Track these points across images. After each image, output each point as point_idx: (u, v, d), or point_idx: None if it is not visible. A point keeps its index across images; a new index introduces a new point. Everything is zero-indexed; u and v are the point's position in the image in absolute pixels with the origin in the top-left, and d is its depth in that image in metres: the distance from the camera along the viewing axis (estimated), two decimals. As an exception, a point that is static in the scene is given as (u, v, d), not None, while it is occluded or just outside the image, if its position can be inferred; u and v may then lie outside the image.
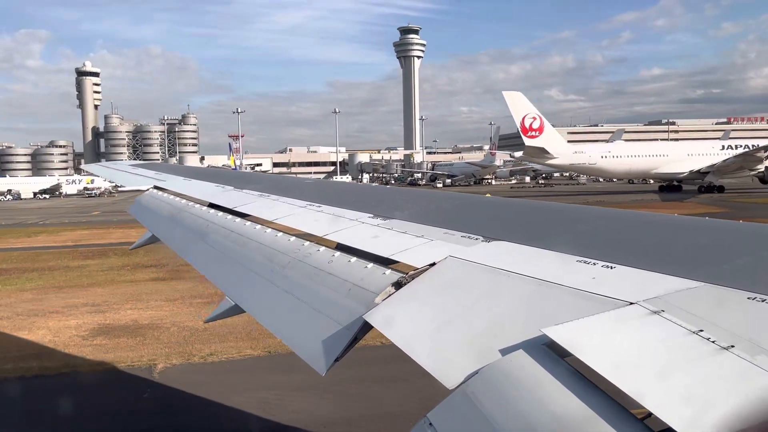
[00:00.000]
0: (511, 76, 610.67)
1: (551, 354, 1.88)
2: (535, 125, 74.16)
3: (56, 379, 14.17)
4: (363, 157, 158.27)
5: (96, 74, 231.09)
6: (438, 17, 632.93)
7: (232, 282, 4.41)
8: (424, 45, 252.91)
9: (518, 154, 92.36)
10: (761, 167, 67.22)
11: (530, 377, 1.82)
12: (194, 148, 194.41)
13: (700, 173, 69.96)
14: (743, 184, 71.61)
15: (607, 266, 2.44)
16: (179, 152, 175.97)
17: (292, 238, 4.27)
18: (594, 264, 2.49)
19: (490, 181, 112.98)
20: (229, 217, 5.56)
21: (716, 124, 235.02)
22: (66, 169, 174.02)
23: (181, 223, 6.43)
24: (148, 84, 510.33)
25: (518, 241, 3.02)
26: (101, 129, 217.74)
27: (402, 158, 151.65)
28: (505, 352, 2.00)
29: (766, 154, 65.43)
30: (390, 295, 2.83)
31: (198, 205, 6.58)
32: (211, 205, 6.23)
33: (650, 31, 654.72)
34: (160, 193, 8.21)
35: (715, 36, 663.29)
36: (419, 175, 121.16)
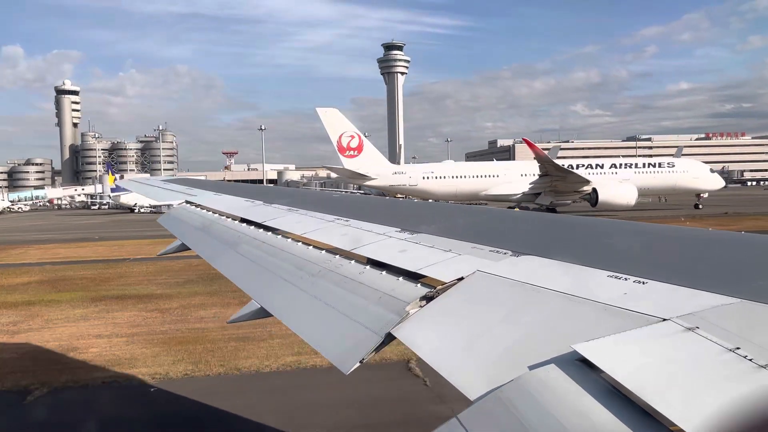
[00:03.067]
0: (535, 91, 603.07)
1: (585, 369, 1.85)
2: (353, 144, 68.73)
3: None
4: (293, 175, 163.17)
5: (75, 92, 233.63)
6: (463, 34, 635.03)
7: (260, 287, 4.50)
8: (408, 61, 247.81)
9: (334, 175, 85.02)
10: (587, 188, 60.45)
11: (567, 389, 1.80)
12: (170, 166, 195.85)
13: (533, 195, 64.09)
14: (579, 207, 63.82)
15: (639, 281, 2.39)
16: (152, 169, 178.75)
17: (323, 252, 4.32)
18: (625, 279, 2.45)
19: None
20: (260, 230, 5.65)
21: (696, 140, 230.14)
22: (42, 186, 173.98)
23: (210, 234, 6.63)
24: (175, 102, 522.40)
25: (547, 255, 2.99)
26: (79, 147, 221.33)
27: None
28: (534, 368, 1.97)
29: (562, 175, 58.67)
30: (421, 307, 2.84)
31: (229, 219, 6.72)
32: (242, 220, 6.34)
33: (675, 46, 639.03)
34: (191, 207, 8.40)
35: (743, 49, 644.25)
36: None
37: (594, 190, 60.31)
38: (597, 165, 68.35)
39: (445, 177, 70.27)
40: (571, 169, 63.83)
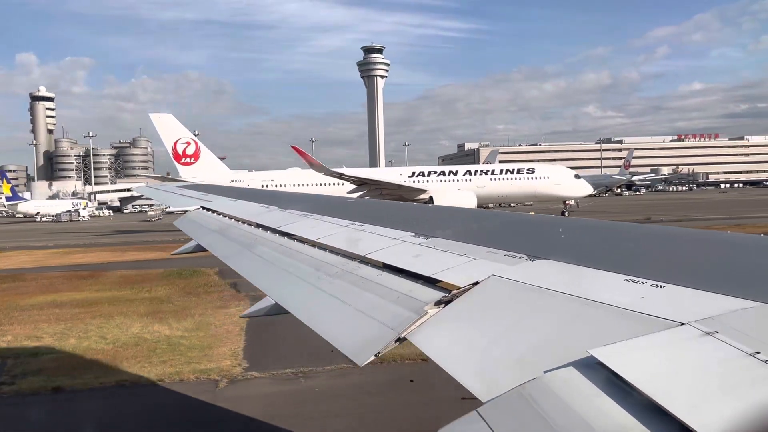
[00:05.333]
0: (546, 93, 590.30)
1: (603, 372, 1.84)
2: (189, 151, 65.09)
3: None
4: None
5: (50, 99, 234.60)
6: (473, 37, 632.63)
7: (275, 285, 4.54)
8: (387, 64, 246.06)
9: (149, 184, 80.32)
10: (424, 197, 58.62)
11: (585, 389, 1.79)
12: (144, 171, 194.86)
13: None
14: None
15: (656, 285, 2.37)
16: (126, 176, 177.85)
17: (338, 255, 4.34)
18: (642, 283, 2.43)
19: None
20: (276, 234, 5.71)
21: (671, 141, 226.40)
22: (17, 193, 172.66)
23: (226, 236, 6.76)
24: (186, 107, 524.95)
25: (563, 259, 2.98)
26: (53, 153, 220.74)
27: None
28: (550, 372, 1.96)
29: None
30: (440, 309, 2.84)
31: (244, 223, 6.81)
32: (258, 225, 6.41)
33: (687, 46, 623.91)
34: (207, 212, 8.50)
35: (756, 49, 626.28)
36: None
37: (430, 198, 58.80)
38: (450, 172, 66.01)
39: (285, 185, 66.26)
40: (422, 175, 62.81)
